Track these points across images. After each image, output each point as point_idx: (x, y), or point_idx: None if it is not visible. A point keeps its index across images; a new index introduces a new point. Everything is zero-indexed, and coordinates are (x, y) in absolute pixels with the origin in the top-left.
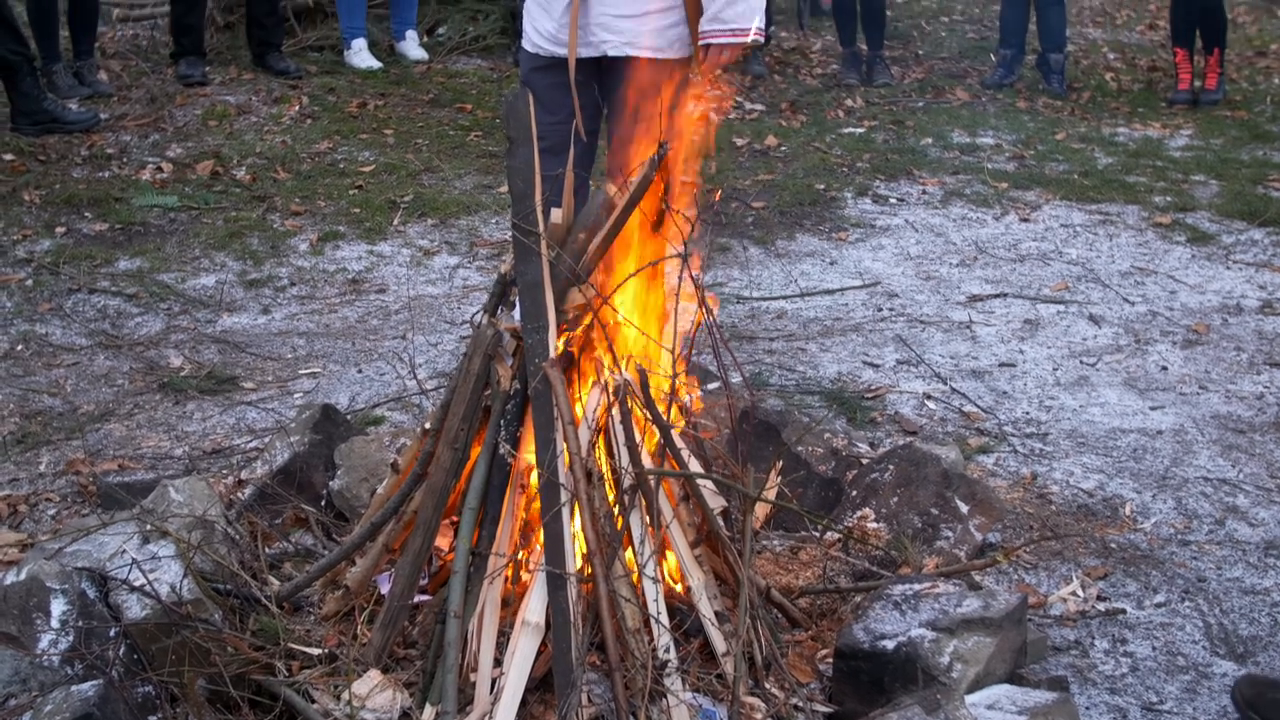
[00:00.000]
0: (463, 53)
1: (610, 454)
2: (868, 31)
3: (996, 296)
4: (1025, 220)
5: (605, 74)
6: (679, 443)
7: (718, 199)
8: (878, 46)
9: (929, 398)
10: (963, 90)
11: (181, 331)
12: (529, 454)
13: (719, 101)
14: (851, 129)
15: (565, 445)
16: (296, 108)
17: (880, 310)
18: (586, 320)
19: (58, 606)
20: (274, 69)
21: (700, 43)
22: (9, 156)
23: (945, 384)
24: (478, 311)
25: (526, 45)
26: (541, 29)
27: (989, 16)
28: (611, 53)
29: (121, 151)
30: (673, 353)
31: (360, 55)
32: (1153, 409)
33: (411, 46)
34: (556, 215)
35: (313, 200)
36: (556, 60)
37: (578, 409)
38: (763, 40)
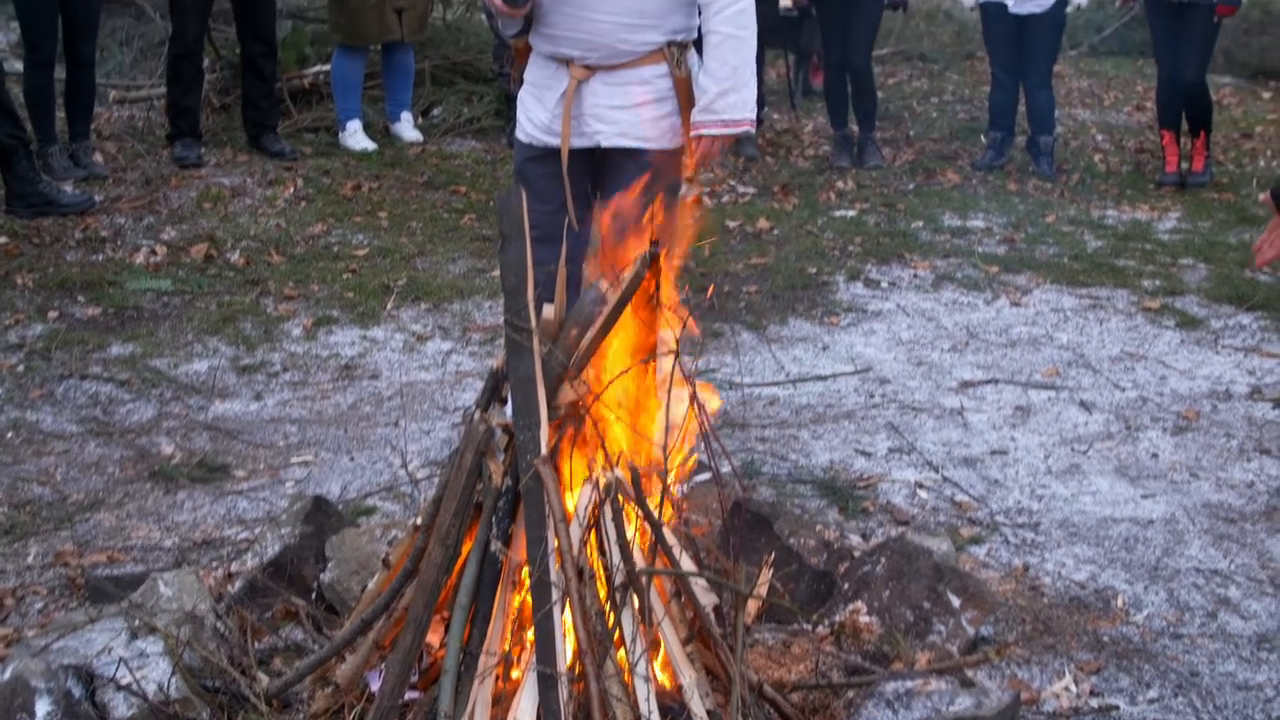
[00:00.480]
0: (457, 134)
1: (602, 551)
2: (859, 113)
3: (988, 382)
4: (1016, 304)
5: (598, 164)
6: (671, 539)
7: (710, 293)
8: (869, 128)
9: (921, 486)
10: (953, 172)
11: (173, 418)
12: (521, 551)
13: (713, 186)
14: (843, 211)
15: (557, 543)
16: (291, 190)
17: (872, 396)
18: (578, 417)
19: (42, 707)
20: (269, 151)
21: (692, 133)
22: (2, 240)
23: (937, 472)
24: (470, 407)
25: (520, 135)
26: (535, 119)
27: (979, 97)
28: (605, 143)
29: (116, 234)
30: (664, 449)
31: (355, 137)
32: (1144, 497)
33: (406, 128)
34: (549, 311)
35: (306, 284)
36: (550, 150)
37: (569, 506)
38: (754, 130)
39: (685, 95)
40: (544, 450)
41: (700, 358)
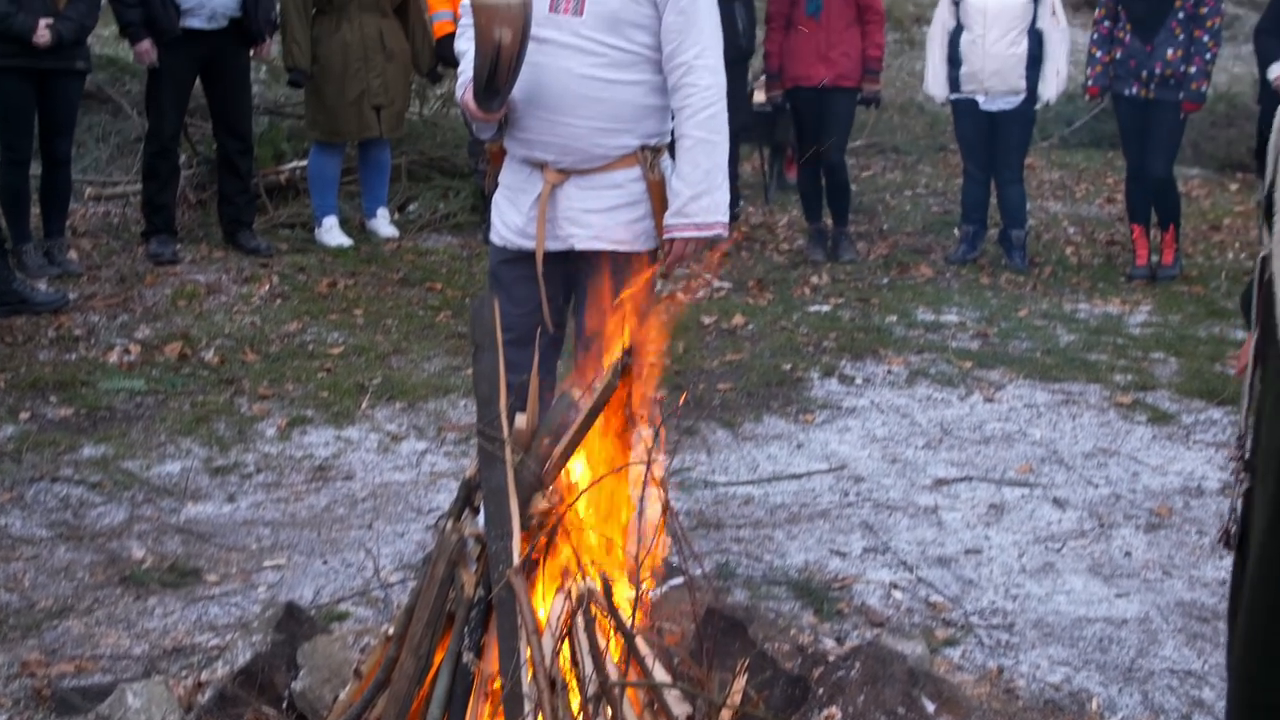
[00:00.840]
0: (433, 229)
1: (575, 662)
2: (833, 208)
3: (962, 480)
4: (989, 400)
5: (573, 267)
6: (644, 648)
7: (684, 398)
8: (843, 223)
9: (895, 587)
10: (927, 266)
11: (145, 521)
12: (493, 662)
13: (688, 281)
14: (818, 307)
15: (529, 654)
16: (266, 287)
17: (847, 495)
18: (550, 527)
19: None
20: (245, 247)
21: (665, 236)
22: None
23: (911, 572)
24: (443, 515)
25: (494, 238)
26: (509, 223)
27: (953, 190)
28: (579, 246)
29: (89, 333)
30: (636, 557)
31: (331, 233)
32: (1118, 596)
33: (383, 224)
34: (521, 420)
35: (281, 383)
36: (525, 253)
37: (542, 616)
38: (726, 233)
39: (659, 198)
40: (516, 561)
41: (675, 458)
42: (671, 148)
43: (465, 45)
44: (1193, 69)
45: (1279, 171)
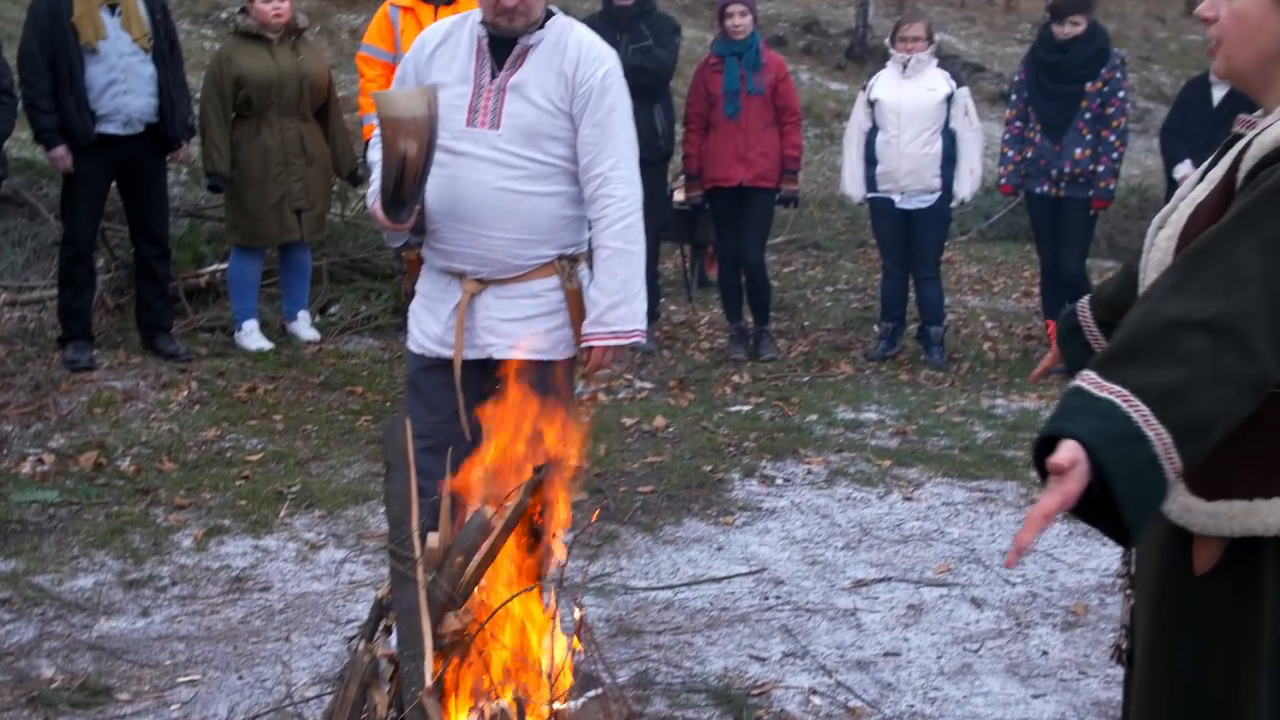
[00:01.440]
0: (355, 332)
1: None
2: (753, 307)
3: (881, 581)
4: (909, 499)
5: (491, 374)
6: None
7: (597, 514)
8: (763, 321)
9: (814, 692)
10: (847, 363)
11: (55, 638)
12: None
13: (609, 382)
14: (739, 406)
15: None
16: (185, 393)
17: (767, 598)
18: (463, 646)
19: None
20: (163, 352)
21: (584, 345)
22: None
23: (830, 676)
24: (356, 636)
25: (413, 346)
26: (428, 331)
27: (873, 285)
28: (497, 355)
29: (2, 442)
30: (550, 673)
31: (251, 336)
32: (1034, 697)
33: (303, 327)
34: (433, 539)
35: (198, 492)
36: (443, 360)
37: None
38: (644, 340)
39: (576, 307)
40: (429, 681)
41: (594, 563)
42: (589, 256)
43: (376, 155)
44: (1101, 168)
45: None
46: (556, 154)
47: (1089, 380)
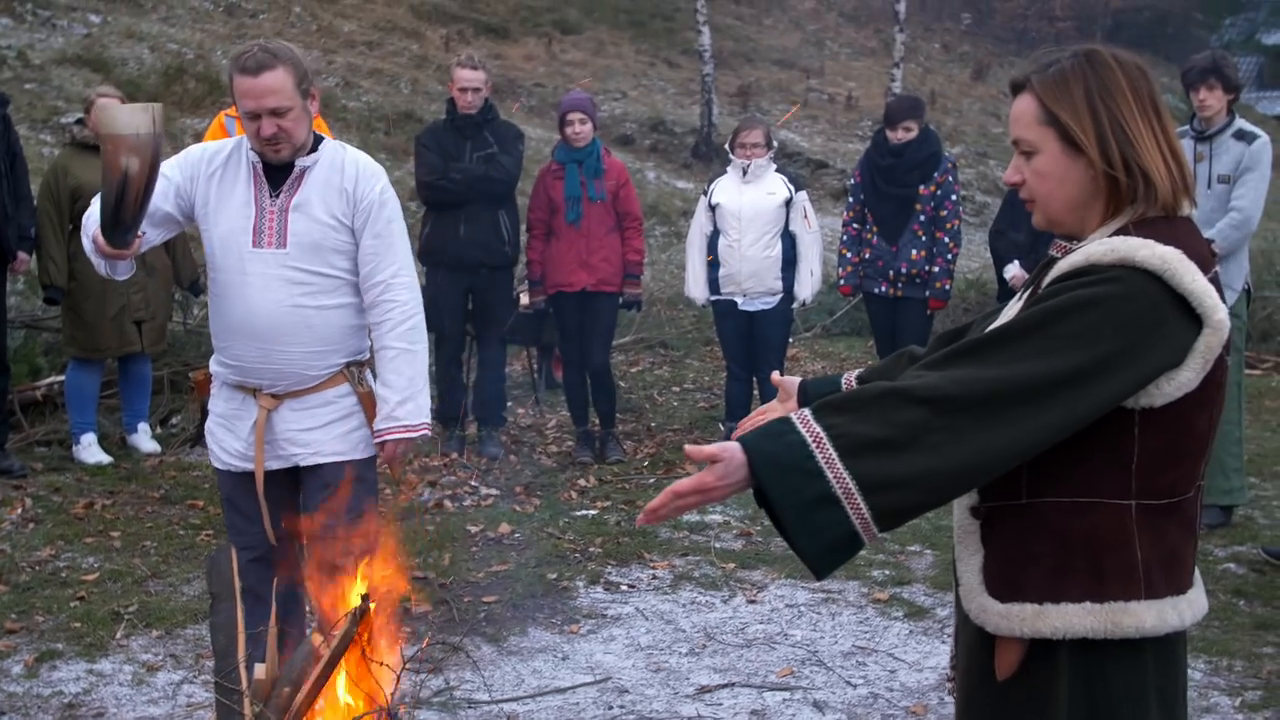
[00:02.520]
0: (197, 443)
1: None
2: (599, 410)
3: (724, 686)
4: (752, 602)
5: (300, 481)
6: None
7: (426, 645)
8: (609, 424)
9: None
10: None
11: None
12: None
13: (454, 489)
14: (585, 511)
15: None
16: (19, 510)
17: (611, 708)
18: None
19: None
20: None
21: (376, 441)
22: None
23: None
24: None
25: (217, 464)
26: (230, 448)
27: (720, 384)
28: (303, 463)
29: None
30: None
31: (90, 450)
32: None
33: (144, 439)
34: (260, 670)
35: (30, 615)
36: (248, 472)
37: None
38: (430, 433)
39: (370, 408)
40: None
41: (438, 676)
42: (371, 361)
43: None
44: (936, 268)
45: None
46: (340, 267)
47: (799, 415)
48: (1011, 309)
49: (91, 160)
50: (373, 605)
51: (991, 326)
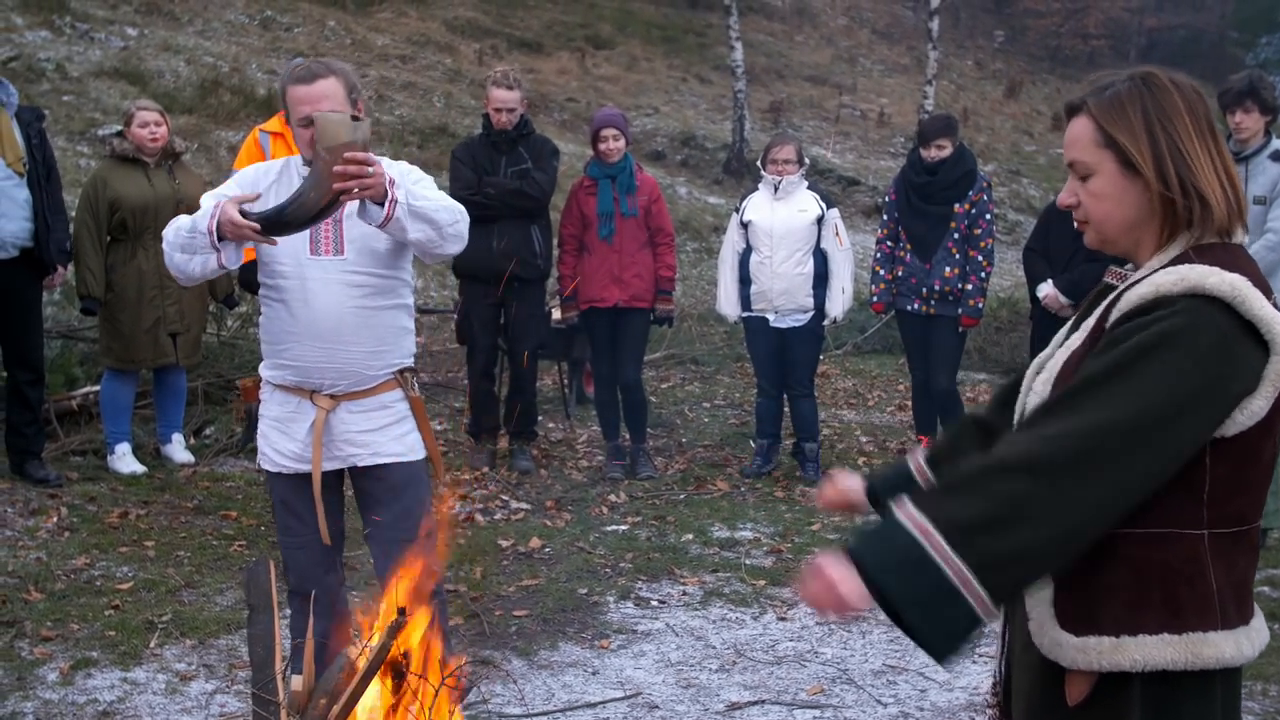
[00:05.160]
0: (230, 454)
1: None
2: (630, 425)
3: (755, 703)
4: (783, 619)
5: (357, 483)
6: None
7: (458, 659)
8: (640, 439)
9: None
10: (723, 480)
11: None
12: None
13: (487, 503)
14: (615, 526)
15: None
16: (54, 519)
17: None
18: None
19: None
20: (33, 477)
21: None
22: None
23: None
24: None
25: (267, 465)
26: (284, 450)
27: (750, 401)
28: (361, 464)
29: None
30: None
31: (124, 460)
32: None
33: (177, 449)
34: (297, 682)
35: (65, 624)
36: (303, 474)
37: None
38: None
39: (420, 413)
40: None
41: (469, 690)
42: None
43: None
44: (969, 286)
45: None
46: (395, 266)
47: (902, 508)
48: (1070, 342)
49: (129, 173)
50: (409, 618)
51: (1045, 356)
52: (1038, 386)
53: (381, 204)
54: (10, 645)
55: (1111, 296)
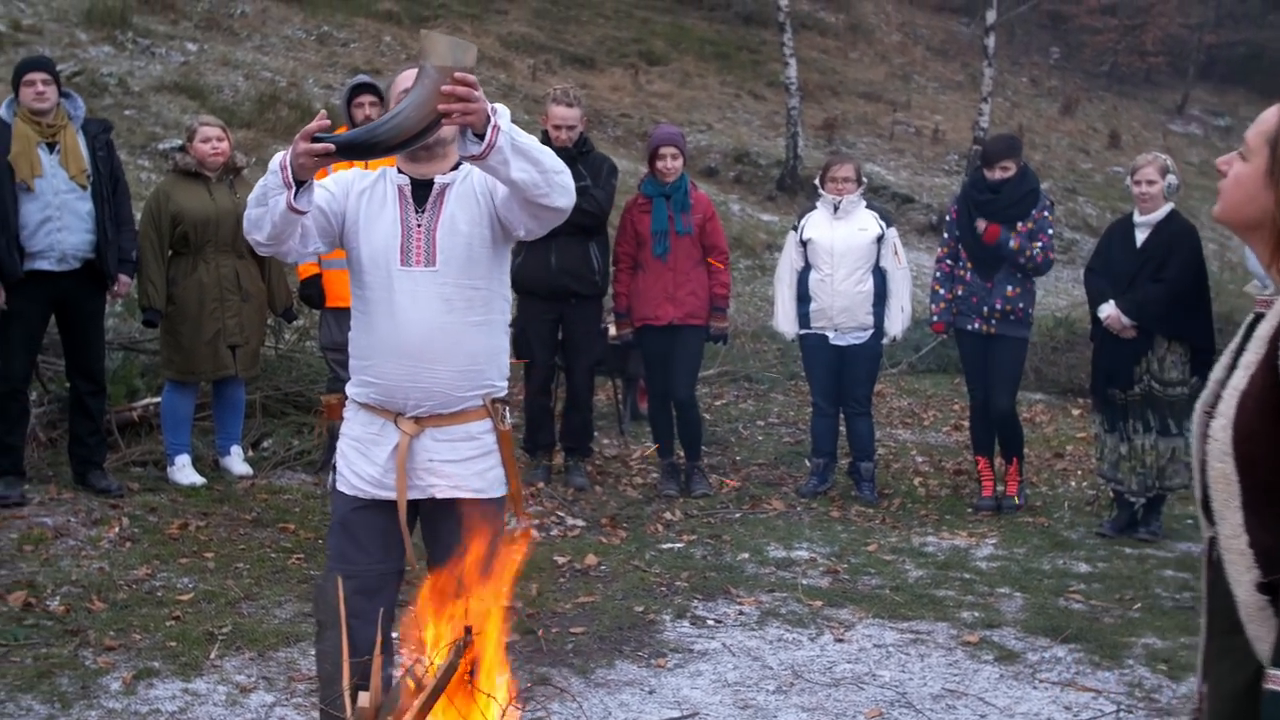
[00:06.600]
0: (287, 466)
1: None
2: (684, 443)
3: None
4: (840, 640)
5: (429, 514)
6: None
7: (518, 680)
8: (695, 457)
9: None
10: (779, 499)
11: None
12: None
13: (541, 519)
14: (671, 544)
15: None
16: (116, 529)
17: None
18: None
19: None
20: (95, 487)
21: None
22: None
23: None
24: None
25: (344, 488)
26: (363, 473)
27: (804, 418)
28: (440, 495)
29: None
30: None
31: (183, 471)
32: None
33: (236, 462)
34: (364, 699)
35: (128, 633)
36: (378, 501)
37: None
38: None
39: (508, 448)
40: None
41: (526, 708)
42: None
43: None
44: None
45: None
46: (488, 277)
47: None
48: (1235, 381)
49: (191, 187)
50: (475, 637)
51: (1209, 399)
52: (1216, 432)
53: (481, 136)
54: (74, 654)
55: (1271, 328)
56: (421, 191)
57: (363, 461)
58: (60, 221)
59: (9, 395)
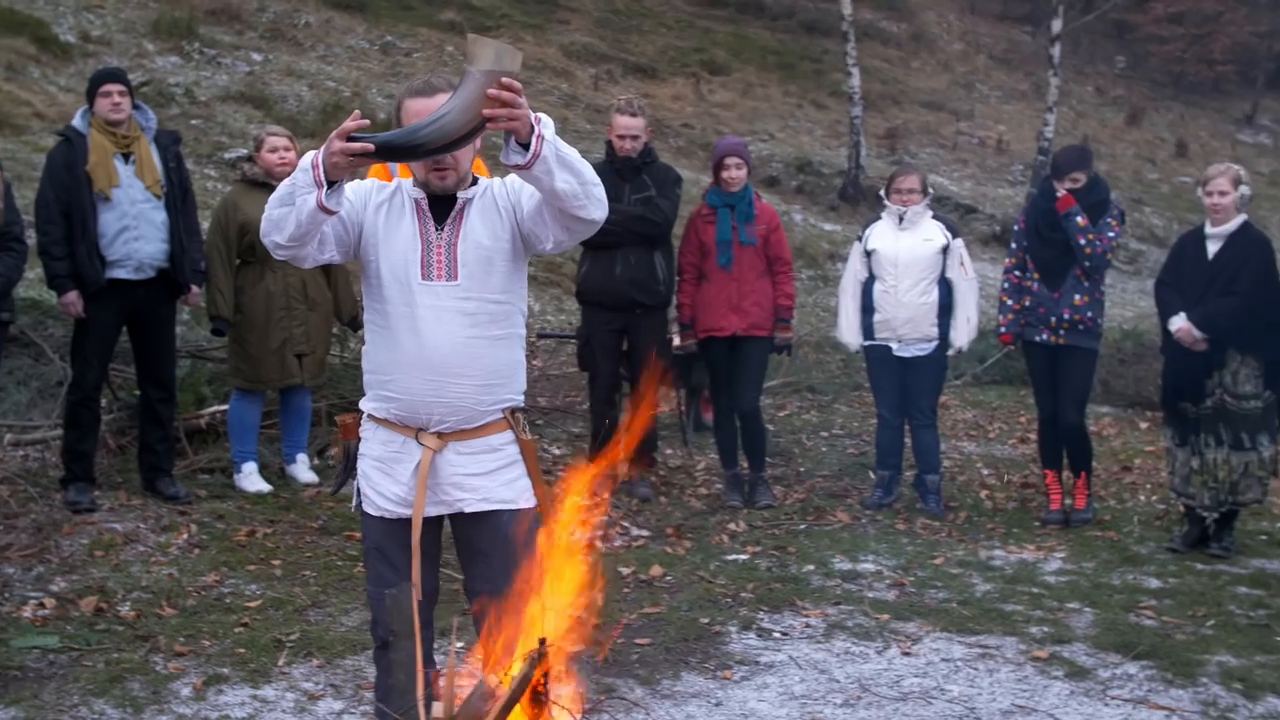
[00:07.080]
0: (340, 488)
1: None
2: (748, 454)
3: None
4: (907, 654)
5: (461, 530)
6: None
7: (601, 659)
8: (759, 468)
9: None
10: (843, 511)
11: None
12: None
13: (606, 530)
14: (735, 555)
15: None
16: (185, 536)
17: None
18: None
19: None
20: (164, 494)
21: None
22: None
23: None
24: None
25: (370, 509)
26: (388, 493)
27: (868, 430)
28: (468, 509)
29: (4, 585)
30: None
31: (250, 479)
32: None
33: (302, 469)
34: (437, 709)
35: (197, 640)
36: (405, 520)
37: None
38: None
39: (531, 457)
40: None
41: (591, 718)
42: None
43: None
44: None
45: None
46: (509, 290)
47: None
48: None
49: (259, 197)
50: (549, 648)
51: None
52: None
53: (526, 145)
54: (145, 659)
55: None
56: (441, 206)
57: (387, 481)
58: (137, 231)
59: (82, 403)
